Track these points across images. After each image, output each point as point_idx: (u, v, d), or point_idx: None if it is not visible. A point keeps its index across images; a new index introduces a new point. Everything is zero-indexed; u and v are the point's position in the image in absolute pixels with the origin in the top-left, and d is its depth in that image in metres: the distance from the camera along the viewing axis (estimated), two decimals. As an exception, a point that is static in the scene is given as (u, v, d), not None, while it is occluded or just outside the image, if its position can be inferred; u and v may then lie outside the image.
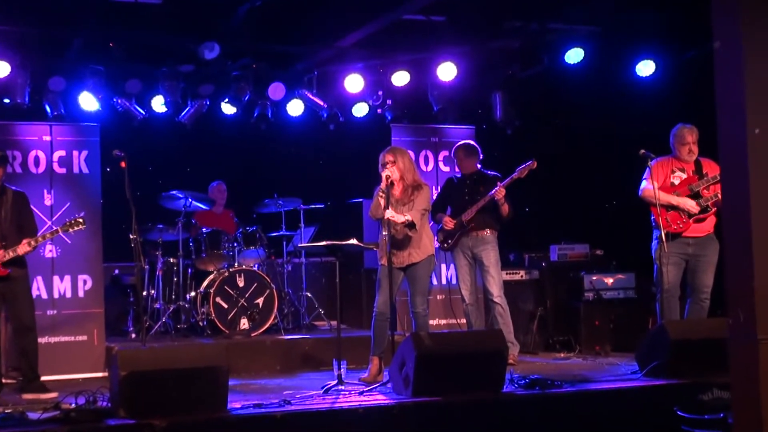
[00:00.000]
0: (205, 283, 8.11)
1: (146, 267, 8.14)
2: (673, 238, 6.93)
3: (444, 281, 8.34)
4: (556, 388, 5.87)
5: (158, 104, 8.21)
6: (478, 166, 7.52)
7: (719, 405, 5.41)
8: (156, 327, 7.98)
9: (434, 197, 7.71)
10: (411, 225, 6.41)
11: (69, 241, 7.30)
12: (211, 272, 8.19)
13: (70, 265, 7.36)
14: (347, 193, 9.38)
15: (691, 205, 6.93)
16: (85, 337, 7.35)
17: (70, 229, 6.44)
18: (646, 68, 8.31)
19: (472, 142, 7.64)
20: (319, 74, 8.48)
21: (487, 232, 7.35)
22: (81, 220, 6.45)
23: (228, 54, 7.79)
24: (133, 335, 8.02)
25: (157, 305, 8.15)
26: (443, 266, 8.27)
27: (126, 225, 6.58)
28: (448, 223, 7.39)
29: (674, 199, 6.98)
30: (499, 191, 7.12)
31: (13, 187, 6.49)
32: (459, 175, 7.57)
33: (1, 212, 6.27)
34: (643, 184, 7.04)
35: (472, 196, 7.37)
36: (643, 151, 6.93)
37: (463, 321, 7.62)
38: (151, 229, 8.23)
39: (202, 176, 9.22)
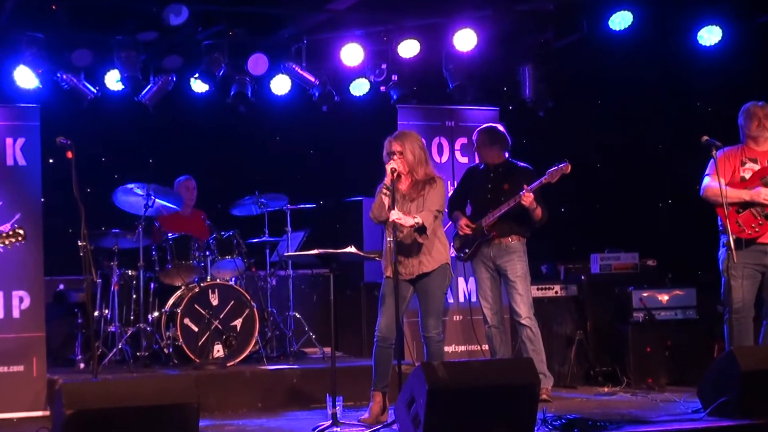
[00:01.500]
0: (170, 301, 8.07)
1: (98, 281, 8.10)
2: (747, 246, 6.88)
3: (462, 298, 8.30)
4: (600, 430, 5.82)
5: (113, 81, 8.17)
6: (506, 155, 7.49)
7: (802, 451, 5.44)
8: (110, 355, 7.91)
9: (451, 191, 7.73)
10: (421, 229, 6.37)
11: (0, 250, 7.10)
12: (179, 287, 8.15)
13: (3, 279, 7.27)
14: (344, 190, 9.36)
15: (766, 196, 6.88)
16: (21, 368, 7.28)
17: (6, 242, 6.36)
18: (710, 36, 8.26)
19: (497, 126, 7.58)
20: (310, 44, 8.46)
21: (513, 240, 7.32)
22: (21, 232, 6.32)
23: (198, 19, 7.76)
24: (82, 365, 7.95)
25: (111, 328, 8.10)
26: (461, 280, 8.22)
27: (73, 229, 6.66)
28: (465, 227, 7.37)
29: (745, 193, 6.88)
30: (525, 197, 7.07)
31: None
32: (482, 166, 7.55)
33: None
34: (706, 180, 6.97)
35: (495, 195, 7.34)
36: (706, 138, 6.85)
37: (486, 347, 7.61)
38: (105, 234, 8.15)
39: (168, 169, 9.16)
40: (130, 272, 8.22)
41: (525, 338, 7.29)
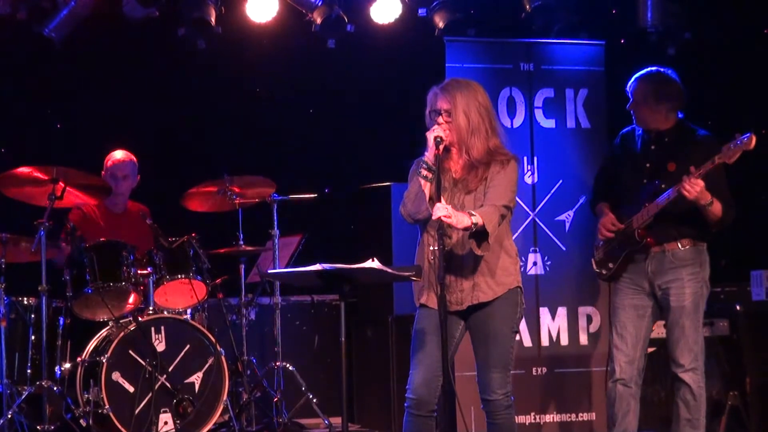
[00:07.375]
0: (91, 346, 8.11)
1: (-28, 315, 7.98)
2: None
3: (545, 339, 8.46)
4: None
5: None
6: (679, 116, 7.40)
7: None
8: (-5, 428, 7.95)
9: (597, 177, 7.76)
10: (479, 234, 6.27)
11: None
12: (104, 324, 8.21)
13: None
14: (361, 172, 9.56)
15: None
16: None
17: None
18: None
19: (667, 72, 7.45)
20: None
21: (685, 245, 7.30)
22: None
23: None
24: (-50, 446, 8.01)
25: (-5, 388, 8.13)
26: (544, 311, 8.44)
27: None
28: (609, 226, 7.40)
29: None
30: (691, 185, 6.94)
31: None
32: (640, 131, 7.49)
33: None
34: None
35: (653, 179, 7.32)
36: None
37: (590, 416, 8.01)
38: (-19, 241, 8.13)
39: (88, 139, 9.28)
40: (26, 300, 8.23)
41: (680, 400, 7.22)
